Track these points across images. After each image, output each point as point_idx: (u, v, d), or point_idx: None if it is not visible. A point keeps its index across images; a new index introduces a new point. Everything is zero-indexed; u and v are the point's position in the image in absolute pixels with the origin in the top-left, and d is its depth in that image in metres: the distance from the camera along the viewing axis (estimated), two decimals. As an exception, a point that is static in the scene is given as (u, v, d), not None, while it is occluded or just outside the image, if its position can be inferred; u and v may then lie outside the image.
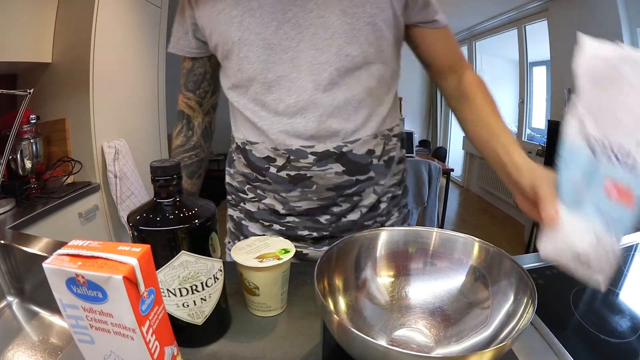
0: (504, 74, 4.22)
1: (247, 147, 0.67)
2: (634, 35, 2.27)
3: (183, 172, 0.69)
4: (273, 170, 0.64)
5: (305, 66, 0.59)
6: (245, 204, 0.73)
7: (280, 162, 0.63)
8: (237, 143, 0.70)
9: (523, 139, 3.69)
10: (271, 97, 0.61)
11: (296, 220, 0.68)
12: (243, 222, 0.74)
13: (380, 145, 0.66)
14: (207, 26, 0.62)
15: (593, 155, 0.37)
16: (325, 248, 0.67)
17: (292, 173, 0.63)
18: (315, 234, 0.68)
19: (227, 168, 0.78)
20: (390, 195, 0.72)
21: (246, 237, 0.72)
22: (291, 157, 0.62)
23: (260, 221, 0.71)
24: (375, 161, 0.65)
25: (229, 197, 0.79)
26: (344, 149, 0.62)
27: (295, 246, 0.68)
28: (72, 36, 1.54)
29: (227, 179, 0.77)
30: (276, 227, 0.70)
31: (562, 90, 2.76)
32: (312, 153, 0.61)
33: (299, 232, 0.68)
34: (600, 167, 0.37)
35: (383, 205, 0.71)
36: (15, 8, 1.34)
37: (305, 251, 0.70)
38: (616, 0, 2.25)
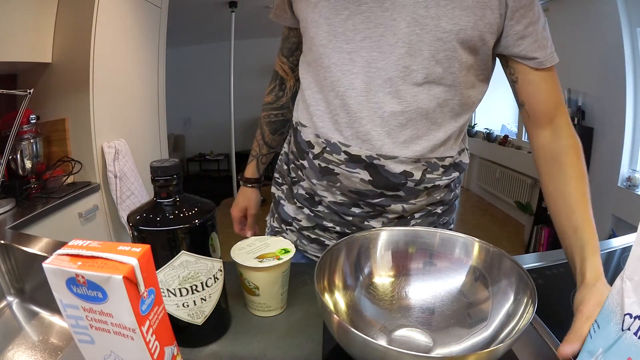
0: (504, 74, 4.21)
1: (298, 128, 0.68)
2: (634, 35, 2.26)
3: (267, 128, 0.83)
4: (310, 156, 0.66)
5: (361, 64, 0.57)
6: (289, 180, 0.75)
7: (317, 150, 0.64)
8: (293, 122, 0.72)
9: (523, 139, 3.69)
10: (326, 83, 0.60)
11: (325, 211, 0.69)
12: (282, 201, 0.77)
13: (420, 171, 0.61)
14: (294, 2, 0.65)
15: (621, 330, 0.33)
16: None
17: (323, 164, 0.64)
18: (338, 229, 0.68)
19: (288, 137, 0.80)
20: (424, 213, 0.68)
21: (279, 215, 0.76)
22: (327, 149, 0.62)
23: (296, 202, 0.73)
24: (410, 184, 0.62)
25: (276, 175, 0.81)
26: (375, 162, 0.60)
27: (320, 236, 0.71)
28: (72, 36, 1.54)
29: (285, 147, 0.80)
30: (306, 211, 0.71)
31: (562, 90, 2.76)
32: (345, 152, 0.61)
33: (325, 223, 0.69)
34: (627, 346, 0.32)
35: (415, 222, 0.67)
36: (15, 8, 1.34)
37: (327, 242, 0.71)
38: (616, 0, 2.25)
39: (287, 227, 0.75)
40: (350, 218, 0.66)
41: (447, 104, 0.59)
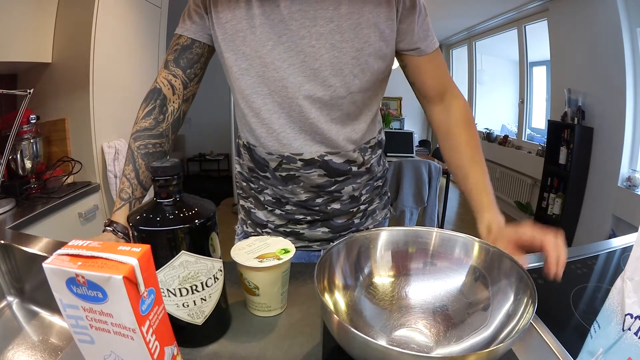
0: (504, 74, 4.22)
1: (251, 147, 0.72)
2: (634, 35, 2.27)
3: (143, 162, 0.67)
4: (271, 168, 0.71)
5: (293, 89, 0.63)
6: (253, 192, 0.78)
7: (273, 164, 0.70)
8: (243, 141, 0.75)
9: (523, 139, 3.69)
10: (265, 109, 0.66)
11: (293, 208, 0.75)
12: (252, 210, 0.80)
13: (361, 158, 0.72)
14: (216, 26, 0.65)
15: (622, 330, 0.33)
16: (319, 229, 0.75)
17: (284, 174, 0.71)
18: (309, 218, 0.75)
19: (236, 157, 0.82)
20: (369, 187, 0.78)
21: (253, 221, 0.79)
22: (283, 161, 0.69)
23: (266, 206, 0.77)
24: (355, 169, 0.72)
25: (239, 191, 0.84)
26: (325, 158, 0.69)
27: (294, 228, 0.76)
28: (72, 36, 1.54)
29: (237, 168, 0.82)
30: (278, 211, 0.76)
31: (562, 90, 2.76)
32: (300, 160, 0.68)
33: (296, 216, 0.75)
34: (627, 346, 0.33)
35: (364, 197, 0.77)
36: (15, 8, 1.34)
37: (302, 231, 0.76)
38: (616, 0, 2.25)
39: (263, 230, 0.78)
40: (317, 208, 0.74)
41: (364, 104, 0.69)
